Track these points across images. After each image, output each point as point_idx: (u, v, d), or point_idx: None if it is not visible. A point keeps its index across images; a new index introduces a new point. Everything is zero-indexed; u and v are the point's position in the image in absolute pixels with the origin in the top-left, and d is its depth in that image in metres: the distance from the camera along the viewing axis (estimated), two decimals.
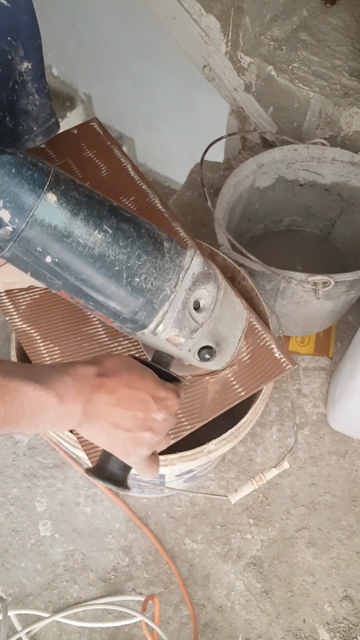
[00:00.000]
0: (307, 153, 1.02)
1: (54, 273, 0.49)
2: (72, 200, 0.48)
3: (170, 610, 0.90)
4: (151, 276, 0.50)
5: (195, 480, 0.95)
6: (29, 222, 0.46)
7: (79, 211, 0.48)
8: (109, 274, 0.49)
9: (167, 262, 0.51)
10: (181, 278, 0.51)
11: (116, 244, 0.49)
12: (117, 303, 0.51)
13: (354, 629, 0.89)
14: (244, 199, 1.05)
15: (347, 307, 1.06)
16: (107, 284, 0.50)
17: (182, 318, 0.52)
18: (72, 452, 0.71)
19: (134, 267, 0.50)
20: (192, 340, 0.54)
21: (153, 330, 0.52)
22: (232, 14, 1.06)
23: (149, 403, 0.49)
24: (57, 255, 0.48)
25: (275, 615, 0.90)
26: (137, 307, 0.51)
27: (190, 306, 0.52)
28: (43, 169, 0.48)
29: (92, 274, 0.49)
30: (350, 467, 1.03)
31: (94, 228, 0.48)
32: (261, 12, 1.10)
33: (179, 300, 0.51)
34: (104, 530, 0.96)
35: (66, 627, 0.88)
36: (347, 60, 1.12)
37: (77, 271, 0.49)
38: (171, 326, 0.51)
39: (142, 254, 0.50)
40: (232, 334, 0.58)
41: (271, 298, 0.95)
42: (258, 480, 0.68)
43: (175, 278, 0.51)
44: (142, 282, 0.50)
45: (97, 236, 0.48)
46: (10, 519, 0.97)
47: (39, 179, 0.47)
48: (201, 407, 0.67)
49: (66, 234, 0.48)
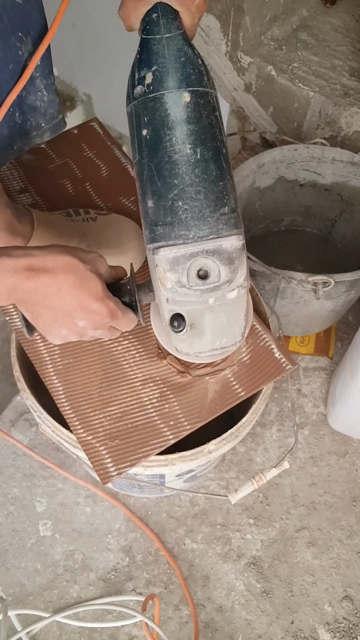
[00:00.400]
0: (307, 153, 1.02)
1: (140, 147, 0.53)
2: (197, 110, 0.52)
3: (170, 610, 0.90)
4: (191, 212, 0.51)
5: (195, 480, 0.95)
6: (157, 96, 0.51)
7: (192, 122, 0.52)
8: (167, 180, 0.51)
9: (211, 218, 0.51)
10: (208, 238, 0.51)
11: (193, 168, 0.51)
12: (153, 206, 0.52)
13: (354, 629, 0.89)
14: (244, 199, 1.05)
15: (347, 307, 1.06)
16: (160, 185, 0.52)
17: (180, 265, 0.52)
18: (72, 452, 0.71)
19: (187, 194, 0.51)
20: (174, 294, 0.53)
21: (155, 249, 0.52)
22: (232, 14, 1.06)
23: (76, 311, 0.52)
24: (152, 136, 0.52)
25: (275, 615, 0.90)
26: (161, 222, 0.52)
27: (194, 264, 0.52)
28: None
29: (159, 169, 0.52)
30: (350, 467, 1.03)
31: (191, 143, 0.51)
32: (261, 12, 1.10)
33: (189, 250, 0.51)
34: (104, 530, 0.96)
35: (66, 627, 0.88)
36: (347, 60, 1.12)
37: (153, 158, 0.52)
38: (167, 260, 0.52)
39: (201, 192, 0.51)
40: (211, 337, 0.57)
41: (271, 298, 0.95)
42: (258, 480, 0.68)
43: (204, 233, 0.51)
44: (180, 208, 0.51)
45: (187, 150, 0.51)
46: (10, 519, 0.97)
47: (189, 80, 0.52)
48: (201, 407, 0.67)
49: (171, 127, 0.51)
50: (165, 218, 0.52)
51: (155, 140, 0.52)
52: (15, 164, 0.88)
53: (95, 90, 1.80)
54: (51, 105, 0.58)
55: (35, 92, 0.56)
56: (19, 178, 0.87)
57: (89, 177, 0.88)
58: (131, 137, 0.55)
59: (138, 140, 0.53)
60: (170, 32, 0.52)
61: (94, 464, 0.63)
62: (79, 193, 0.86)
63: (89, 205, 0.84)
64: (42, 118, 0.59)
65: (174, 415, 0.67)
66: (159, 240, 0.52)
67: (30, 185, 0.86)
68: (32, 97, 0.56)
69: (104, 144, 0.92)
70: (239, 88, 1.20)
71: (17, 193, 0.85)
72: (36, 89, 0.56)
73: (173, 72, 0.52)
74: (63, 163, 0.90)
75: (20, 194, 0.85)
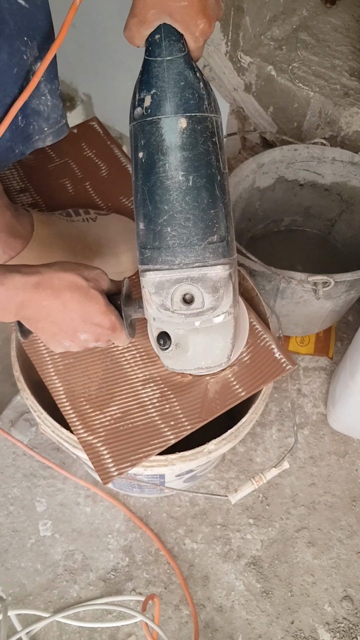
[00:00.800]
0: (307, 153, 1.02)
1: (136, 168, 0.53)
2: (192, 137, 0.52)
3: (170, 610, 0.90)
4: (179, 239, 0.52)
5: (195, 480, 0.95)
6: (154, 121, 0.52)
7: (187, 149, 0.52)
8: (158, 205, 0.52)
9: (198, 246, 0.52)
10: (194, 266, 0.52)
11: (184, 195, 0.52)
12: (143, 229, 0.54)
13: (354, 629, 0.89)
14: (243, 199, 1.05)
15: (347, 307, 1.06)
16: (151, 209, 0.52)
17: (164, 290, 0.53)
18: (73, 452, 0.71)
19: (176, 220, 0.52)
20: (160, 315, 0.55)
21: (143, 272, 0.54)
22: (232, 14, 1.06)
23: (79, 325, 0.55)
24: (146, 160, 0.52)
25: (275, 615, 0.90)
26: (149, 246, 0.53)
27: (178, 289, 0.53)
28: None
29: (151, 193, 0.52)
30: (350, 467, 1.03)
31: (184, 170, 0.52)
32: (261, 12, 1.10)
33: (174, 276, 0.52)
34: (104, 530, 0.96)
35: (66, 627, 0.88)
36: (347, 60, 1.12)
37: (146, 181, 0.53)
38: (153, 284, 0.53)
39: (190, 220, 0.52)
40: (194, 357, 0.58)
41: (271, 298, 0.95)
42: (258, 480, 0.68)
43: (190, 260, 0.52)
44: (169, 234, 0.52)
45: (179, 177, 0.52)
46: (10, 518, 0.97)
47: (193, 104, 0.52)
48: (201, 407, 0.67)
49: (165, 152, 0.52)
50: (153, 242, 0.53)
51: (149, 164, 0.52)
52: (15, 163, 0.88)
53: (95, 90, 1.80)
54: (54, 109, 0.58)
55: (39, 96, 0.56)
56: (19, 178, 0.87)
57: (89, 176, 0.88)
58: (130, 156, 0.56)
59: (135, 161, 0.54)
60: (172, 55, 0.52)
61: (95, 464, 0.63)
62: (79, 193, 0.86)
63: (88, 205, 0.84)
64: (45, 122, 0.59)
65: (175, 415, 0.67)
66: (147, 263, 0.53)
67: (30, 184, 0.86)
68: (35, 101, 0.56)
69: (104, 144, 0.92)
70: (238, 88, 1.20)
71: (16, 193, 0.85)
72: (40, 93, 0.56)
73: (171, 97, 0.51)
74: (63, 163, 0.90)
75: (20, 194, 0.85)
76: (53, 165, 0.89)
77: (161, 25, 0.51)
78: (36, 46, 0.52)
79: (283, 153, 1.02)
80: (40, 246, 0.71)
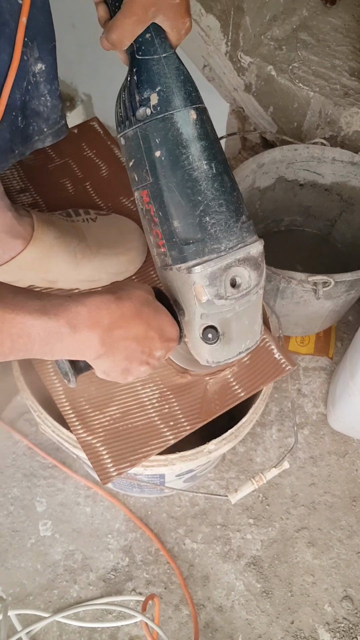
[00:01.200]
0: (307, 153, 1.02)
1: (153, 169, 0.53)
2: (203, 127, 0.53)
3: (170, 610, 0.90)
4: (218, 225, 0.53)
5: (196, 480, 0.95)
6: (166, 117, 0.52)
7: (203, 139, 0.53)
8: (191, 197, 0.53)
9: (235, 228, 0.54)
10: (238, 248, 0.54)
11: (212, 182, 0.53)
12: (180, 225, 0.53)
13: (354, 629, 0.89)
14: (244, 199, 1.05)
15: (347, 307, 1.06)
16: (185, 203, 0.53)
17: (217, 278, 0.53)
18: (72, 452, 0.71)
19: (211, 209, 0.53)
20: (210, 307, 0.54)
21: (190, 268, 0.53)
22: (232, 14, 1.06)
23: (156, 342, 0.53)
24: (167, 157, 0.53)
25: (275, 615, 0.90)
26: (192, 240, 0.53)
27: (229, 274, 0.53)
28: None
29: (181, 188, 0.53)
30: (350, 467, 1.03)
31: (206, 159, 0.53)
32: (261, 12, 1.10)
33: (225, 262, 0.53)
34: (104, 530, 0.96)
35: (66, 627, 0.88)
36: (347, 60, 1.12)
37: (172, 178, 0.53)
38: (206, 276, 0.53)
39: (223, 205, 0.53)
40: (238, 341, 0.58)
41: (271, 298, 0.95)
42: (258, 480, 0.68)
43: (233, 243, 0.53)
44: (208, 223, 0.53)
45: (204, 166, 0.53)
46: (11, 518, 0.97)
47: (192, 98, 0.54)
48: (201, 407, 0.67)
49: (185, 145, 0.52)
50: (195, 235, 0.53)
51: (172, 160, 0.52)
52: (15, 163, 0.88)
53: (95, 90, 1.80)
54: (54, 110, 0.58)
55: (39, 96, 0.56)
56: (19, 177, 0.87)
57: (89, 176, 0.88)
58: (136, 161, 0.55)
59: (150, 162, 0.53)
60: (166, 52, 0.53)
61: (94, 464, 0.63)
62: (79, 193, 0.86)
63: (88, 205, 0.84)
64: (44, 123, 0.59)
65: (174, 416, 0.67)
66: (193, 259, 0.53)
67: (30, 184, 0.86)
68: (35, 102, 0.56)
69: (104, 144, 0.92)
70: (239, 88, 1.20)
71: (17, 193, 0.85)
72: (40, 93, 0.56)
73: (177, 91, 0.53)
74: (63, 163, 0.90)
75: (20, 194, 0.85)
76: (53, 165, 0.89)
77: (150, 24, 0.52)
78: (36, 47, 0.52)
79: (283, 153, 1.02)
80: (41, 247, 0.71)
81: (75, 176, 0.88)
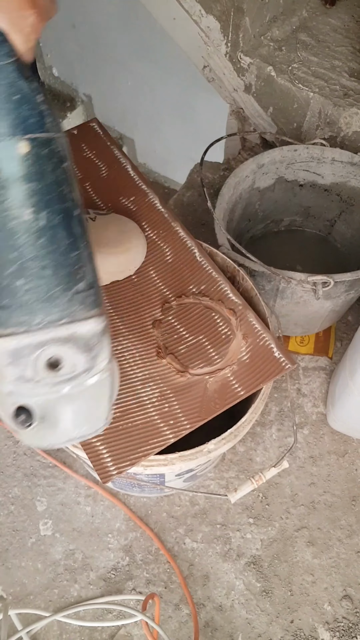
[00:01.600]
0: (306, 153, 1.02)
1: None
2: (38, 165, 0.41)
3: (170, 610, 0.90)
4: (36, 293, 0.42)
5: (195, 479, 0.95)
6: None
7: (33, 180, 0.41)
8: (3, 254, 0.41)
9: (63, 298, 0.43)
10: (60, 323, 0.43)
11: (36, 237, 0.41)
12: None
13: (353, 629, 0.89)
14: (243, 199, 1.06)
15: (346, 307, 1.06)
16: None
17: (24, 357, 0.43)
18: (72, 452, 0.71)
19: (29, 271, 0.41)
20: (19, 387, 0.44)
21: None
22: (232, 14, 1.06)
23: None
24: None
25: (275, 614, 0.90)
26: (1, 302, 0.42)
27: (43, 355, 0.43)
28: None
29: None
30: (350, 466, 1.03)
31: (32, 207, 0.41)
32: (261, 13, 1.11)
33: (36, 339, 0.42)
34: (104, 529, 0.96)
35: (66, 627, 0.88)
36: (347, 60, 1.13)
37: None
38: (6, 354, 0.42)
39: (48, 268, 0.42)
40: (68, 427, 0.47)
41: (271, 298, 0.95)
42: (258, 479, 0.69)
43: (55, 317, 0.42)
44: (21, 288, 0.42)
45: (27, 215, 0.41)
46: (11, 518, 0.97)
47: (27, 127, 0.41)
48: (200, 406, 0.67)
49: (3, 186, 0.40)
50: (1, 300, 0.41)
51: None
52: None
53: (95, 91, 1.80)
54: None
55: None
56: None
57: (89, 177, 0.88)
58: None
59: None
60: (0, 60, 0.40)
61: (94, 463, 0.64)
62: None
63: (88, 205, 0.84)
64: None
65: (174, 415, 0.67)
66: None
67: None
68: None
69: (104, 144, 0.93)
70: (238, 89, 1.20)
71: None
72: None
73: (3, 116, 0.39)
74: None
75: None
76: None
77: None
78: None
79: (283, 153, 1.02)
80: None
81: (75, 176, 0.88)
